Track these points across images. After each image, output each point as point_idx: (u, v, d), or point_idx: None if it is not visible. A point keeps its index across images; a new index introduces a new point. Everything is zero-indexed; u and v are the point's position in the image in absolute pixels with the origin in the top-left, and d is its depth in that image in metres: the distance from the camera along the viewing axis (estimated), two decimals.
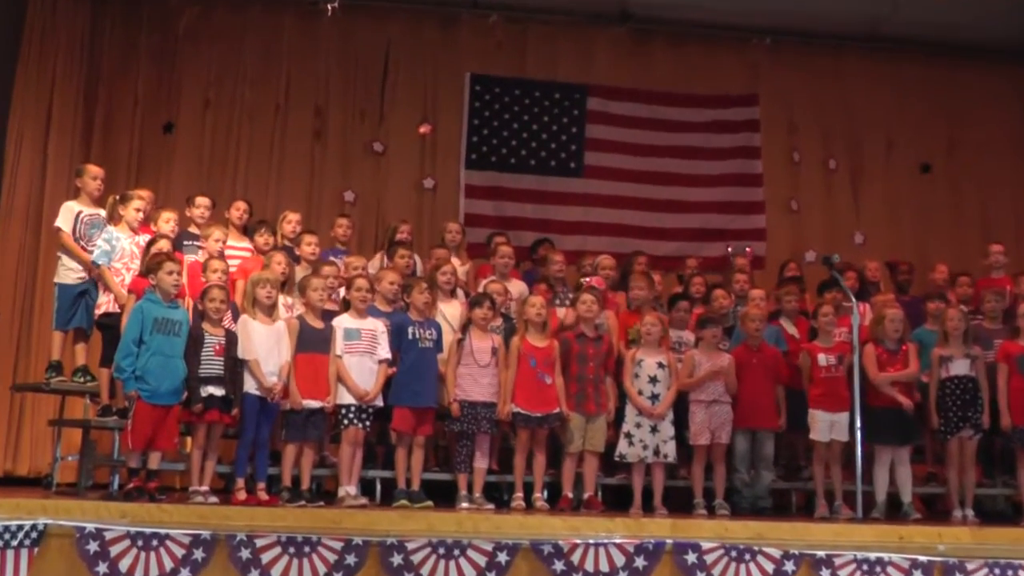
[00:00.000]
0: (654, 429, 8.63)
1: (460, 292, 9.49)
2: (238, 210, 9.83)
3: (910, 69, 13.22)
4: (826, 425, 8.74)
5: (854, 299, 9.14)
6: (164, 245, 8.43)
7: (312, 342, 8.19)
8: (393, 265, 9.42)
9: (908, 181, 13.20)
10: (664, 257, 12.13)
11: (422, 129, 12.47)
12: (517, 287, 9.73)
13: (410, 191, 12.39)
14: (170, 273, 7.82)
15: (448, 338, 8.71)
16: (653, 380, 8.70)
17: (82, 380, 8.81)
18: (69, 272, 8.85)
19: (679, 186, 12.77)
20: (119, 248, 8.67)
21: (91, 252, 8.76)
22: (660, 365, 8.74)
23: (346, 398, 8.20)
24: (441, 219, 11.46)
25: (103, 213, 9.02)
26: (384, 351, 8.37)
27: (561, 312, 9.43)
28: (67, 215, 8.92)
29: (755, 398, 8.89)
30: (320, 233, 9.96)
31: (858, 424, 8.35)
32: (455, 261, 9.82)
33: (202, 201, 9.66)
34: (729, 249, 12.32)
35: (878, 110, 13.21)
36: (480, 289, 9.33)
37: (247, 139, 12.14)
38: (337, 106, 12.40)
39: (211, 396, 7.75)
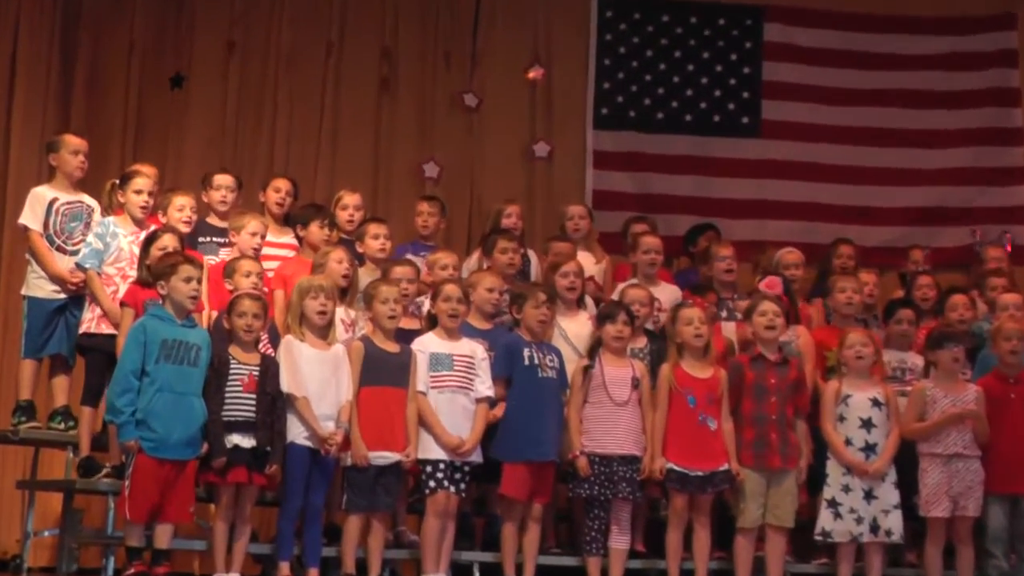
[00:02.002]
0: (869, 494, 8.57)
1: (589, 301, 9.50)
2: (277, 192, 9.90)
3: None
4: None
5: None
6: (170, 241, 8.46)
7: (383, 372, 8.25)
8: (493, 264, 9.48)
9: None
10: (878, 248, 12.12)
11: (532, 74, 12.55)
12: (668, 293, 9.70)
13: (516, 161, 12.52)
14: (188, 280, 7.87)
15: (572, 367, 8.72)
16: (867, 424, 8.64)
17: (62, 426, 8.94)
18: (42, 282, 9.00)
19: (899, 147, 12.71)
20: (115, 248, 8.78)
21: (73, 253, 8.92)
22: (875, 403, 8.67)
23: (432, 451, 8.23)
24: (560, 200, 11.48)
25: (88, 201, 9.19)
26: (485, 385, 8.42)
27: (730, 328, 9.43)
28: (36, 207, 9.06)
29: (1015, 450, 8.76)
30: (391, 221, 10.04)
31: None
32: (582, 258, 9.83)
33: (223, 180, 9.75)
34: (976, 236, 12.17)
35: None
36: (615, 297, 9.33)
37: (287, 94, 12.32)
38: (412, 46, 12.55)
39: (236, 448, 7.82)
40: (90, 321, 8.70)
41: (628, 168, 12.51)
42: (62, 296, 8.97)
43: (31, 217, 9.04)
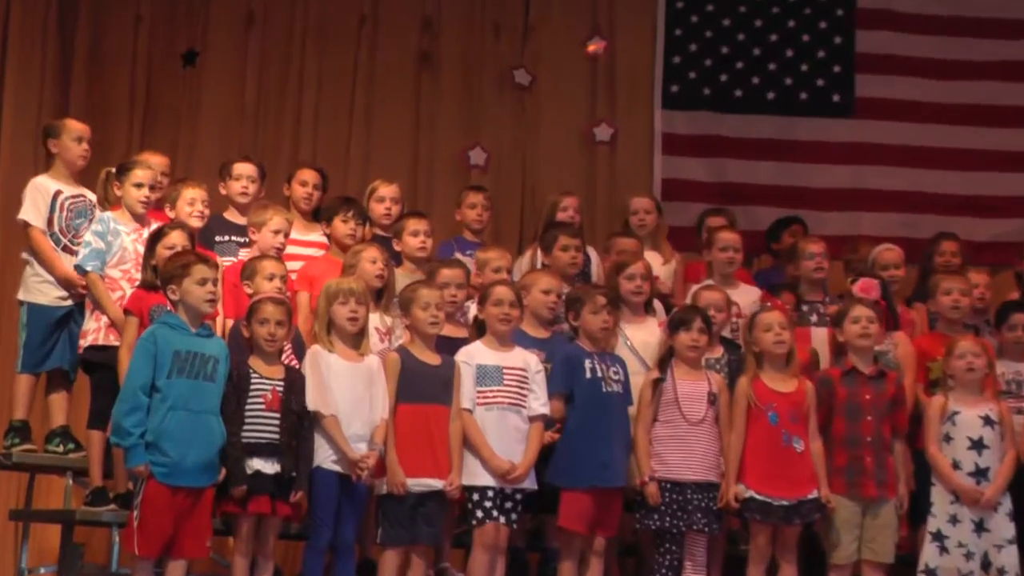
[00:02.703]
0: (980, 526, 8.54)
1: (658, 306, 9.50)
2: (304, 184, 9.95)
3: None
4: None
5: None
6: (178, 239, 8.46)
7: (423, 387, 8.27)
8: (552, 263, 9.49)
9: None
10: (989, 244, 12.11)
11: (592, 47, 12.56)
12: (747, 296, 9.72)
13: (574, 146, 12.53)
14: (202, 283, 7.81)
15: (638, 380, 8.72)
16: (977, 445, 8.61)
17: (60, 449, 8.98)
18: (45, 286, 9.03)
19: (1013, 127, 12.63)
20: (117, 247, 8.80)
21: (76, 254, 8.94)
22: (987, 421, 8.64)
23: (479, 476, 8.25)
24: (625, 190, 11.53)
25: (91, 195, 9.23)
26: (540, 402, 8.42)
27: (820, 335, 9.41)
28: (37, 200, 9.09)
29: None
30: (433, 216, 10.08)
31: None
32: (647, 256, 9.84)
33: (244, 170, 9.81)
34: None
35: None
36: (687, 300, 9.34)
37: (315, 72, 12.37)
38: (457, 15, 12.59)
39: (257, 474, 7.82)
40: (96, 332, 8.68)
41: (702, 153, 12.51)
42: (68, 303, 9.01)
43: (32, 212, 9.06)
